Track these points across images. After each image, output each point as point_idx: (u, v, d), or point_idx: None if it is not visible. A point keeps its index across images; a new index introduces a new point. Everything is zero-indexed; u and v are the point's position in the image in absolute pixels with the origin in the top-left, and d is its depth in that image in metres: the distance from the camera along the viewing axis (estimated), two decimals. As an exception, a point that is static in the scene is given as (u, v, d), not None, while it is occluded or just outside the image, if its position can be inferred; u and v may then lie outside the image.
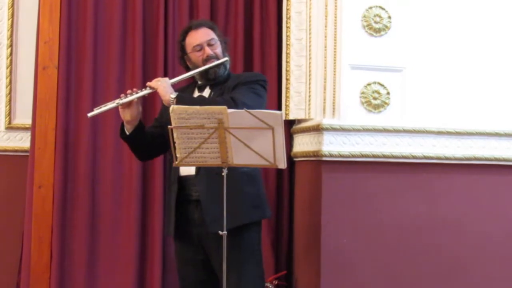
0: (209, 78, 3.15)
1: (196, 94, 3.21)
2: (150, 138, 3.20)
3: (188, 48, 3.20)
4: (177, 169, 3.06)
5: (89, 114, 3.06)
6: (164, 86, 3.03)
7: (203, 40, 3.16)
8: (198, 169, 2.99)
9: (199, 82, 3.24)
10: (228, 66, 3.20)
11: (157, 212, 4.01)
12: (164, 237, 4.03)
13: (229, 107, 2.67)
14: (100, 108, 3.05)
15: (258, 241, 3.13)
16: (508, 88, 3.93)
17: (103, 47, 4.06)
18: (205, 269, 3.07)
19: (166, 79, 3.11)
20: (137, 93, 3.06)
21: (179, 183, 3.08)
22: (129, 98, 3.02)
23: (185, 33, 3.23)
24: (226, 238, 2.83)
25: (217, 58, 3.16)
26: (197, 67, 3.16)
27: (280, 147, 2.66)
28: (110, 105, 3.03)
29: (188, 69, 3.24)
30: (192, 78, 3.27)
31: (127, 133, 3.13)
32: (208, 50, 3.15)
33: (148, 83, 3.10)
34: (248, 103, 2.89)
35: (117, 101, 3.02)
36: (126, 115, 3.07)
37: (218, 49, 3.18)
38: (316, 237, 3.67)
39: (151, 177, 4.05)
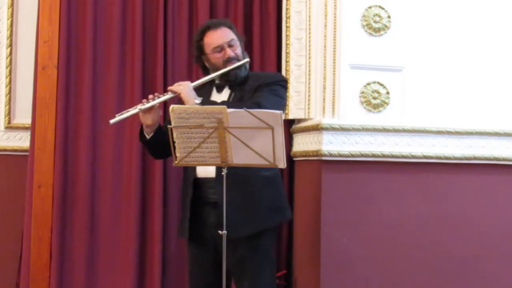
0: (229, 79, 3.11)
1: (214, 93, 3.17)
2: (167, 137, 3.16)
3: (207, 49, 3.14)
4: (194, 170, 3.04)
5: (111, 121, 2.99)
6: (186, 91, 2.98)
7: (223, 41, 3.11)
8: (219, 172, 2.96)
9: (217, 82, 3.19)
10: (248, 67, 3.15)
11: (157, 212, 4.01)
12: (164, 237, 4.03)
13: None
14: (122, 114, 2.99)
15: (272, 244, 3.12)
16: (507, 87, 3.93)
17: (102, 47, 4.06)
18: (216, 272, 3.03)
19: (188, 82, 3.05)
20: (159, 97, 3.00)
21: (195, 185, 3.05)
22: (151, 103, 2.96)
23: (203, 33, 3.16)
24: (243, 242, 2.89)
25: (238, 59, 3.11)
26: (216, 67, 3.11)
27: (279, 147, 2.66)
28: (132, 111, 2.97)
29: (205, 69, 3.19)
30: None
31: (147, 136, 3.09)
32: (229, 52, 3.10)
33: (170, 88, 3.04)
34: (269, 107, 2.87)
35: (139, 106, 2.96)
36: (147, 120, 3.02)
37: (238, 50, 3.13)
38: (316, 236, 3.67)
39: (151, 177, 4.05)
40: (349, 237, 3.68)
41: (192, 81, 3.18)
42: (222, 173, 2.76)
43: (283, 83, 3.14)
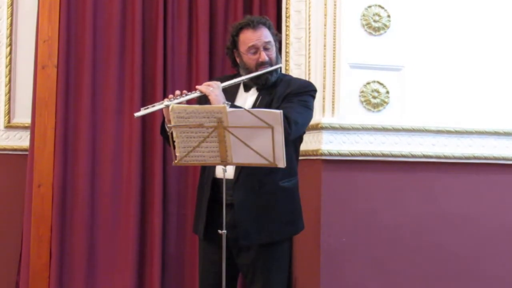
0: (259, 82, 3.03)
1: (241, 91, 3.10)
2: None
3: (242, 47, 3.02)
4: (213, 170, 3.02)
5: (136, 114, 2.91)
6: (216, 94, 2.88)
7: (260, 42, 2.99)
8: (238, 176, 2.92)
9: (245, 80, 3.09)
10: (279, 70, 3.07)
11: (156, 211, 4.01)
12: (164, 236, 4.03)
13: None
14: (147, 108, 2.92)
15: (288, 254, 3.09)
16: (507, 87, 3.93)
17: (102, 46, 4.06)
18: (227, 273, 2.92)
19: (219, 83, 2.94)
20: (186, 95, 2.94)
21: (213, 185, 3.01)
22: (178, 100, 2.87)
23: (240, 29, 3.03)
24: (258, 248, 2.90)
25: (271, 63, 3.00)
26: (247, 68, 3.02)
27: (279, 146, 2.65)
28: (158, 106, 2.88)
29: (235, 62, 3.11)
30: (237, 70, 3.13)
31: (169, 131, 3.04)
32: (264, 56, 2.98)
33: (199, 87, 2.93)
34: (299, 121, 2.85)
35: (166, 102, 2.87)
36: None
37: (273, 54, 3.03)
38: (316, 235, 3.67)
39: (151, 177, 4.05)
40: (349, 236, 3.68)
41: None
42: (224, 173, 2.75)
43: (314, 93, 3.05)
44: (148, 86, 4.08)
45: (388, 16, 3.76)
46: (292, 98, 2.96)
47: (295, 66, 3.97)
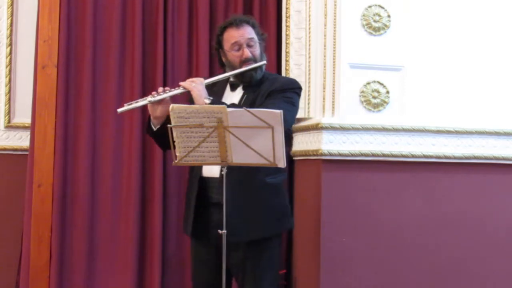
0: (244, 80, 3.08)
1: (228, 91, 3.14)
2: None
3: (226, 45, 3.09)
4: (200, 169, 3.02)
5: (119, 110, 2.95)
6: (198, 90, 2.93)
7: (243, 39, 3.05)
8: (223, 174, 2.95)
9: (232, 79, 3.14)
10: (263, 68, 3.11)
11: (157, 211, 4.01)
12: (164, 237, 4.03)
13: None
14: (131, 104, 2.94)
15: (278, 251, 3.11)
16: (507, 87, 3.93)
17: (102, 46, 4.06)
18: (218, 272, 2.96)
19: (202, 80, 3.00)
20: (170, 91, 2.97)
21: (200, 184, 3.04)
22: (161, 96, 2.92)
23: (224, 29, 3.11)
24: (247, 247, 2.92)
25: (255, 60, 3.06)
26: (232, 65, 3.07)
27: (279, 146, 2.66)
28: (141, 102, 2.93)
29: (221, 62, 3.16)
30: (224, 70, 3.16)
31: (154, 128, 3.05)
32: (247, 52, 3.05)
33: (182, 84, 2.98)
34: (286, 119, 2.83)
35: (149, 98, 2.91)
36: (156, 112, 2.97)
37: (257, 51, 3.09)
38: (316, 235, 3.67)
39: (151, 177, 4.05)
40: (349, 236, 3.68)
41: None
42: (222, 172, 2.75)
43: (298, 91, 3.09)
44: (148, 86, 4.08)
45: (388, 16, 3.76)
46: (276, 95, 2.99)
47: (295, 66, 3.97)
